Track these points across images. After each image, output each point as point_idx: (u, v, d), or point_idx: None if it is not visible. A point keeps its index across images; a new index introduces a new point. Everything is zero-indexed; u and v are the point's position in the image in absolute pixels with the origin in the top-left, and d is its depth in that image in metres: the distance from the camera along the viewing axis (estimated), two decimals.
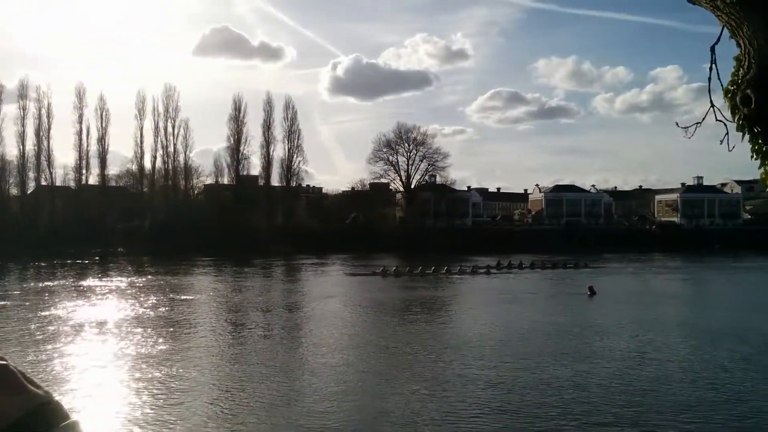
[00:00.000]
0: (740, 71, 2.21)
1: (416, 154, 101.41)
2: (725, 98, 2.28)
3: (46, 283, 42.72)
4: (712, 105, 2.37)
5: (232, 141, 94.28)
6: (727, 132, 2.34)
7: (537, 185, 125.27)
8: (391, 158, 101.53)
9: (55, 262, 60.11)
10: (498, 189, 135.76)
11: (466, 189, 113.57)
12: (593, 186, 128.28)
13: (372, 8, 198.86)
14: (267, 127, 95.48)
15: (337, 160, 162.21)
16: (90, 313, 28.75)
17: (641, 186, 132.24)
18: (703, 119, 2.44)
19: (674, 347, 21.59)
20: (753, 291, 41.01)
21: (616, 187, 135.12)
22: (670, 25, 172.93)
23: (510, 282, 46.36)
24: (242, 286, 41.95)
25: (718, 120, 2.37)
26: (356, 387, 16.24)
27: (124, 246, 74.61)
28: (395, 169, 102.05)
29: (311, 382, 16.74)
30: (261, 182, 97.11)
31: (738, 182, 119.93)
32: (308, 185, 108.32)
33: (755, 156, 2.24)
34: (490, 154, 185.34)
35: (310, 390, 15.93)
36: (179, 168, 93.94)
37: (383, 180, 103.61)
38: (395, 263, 55.22)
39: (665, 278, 50.76)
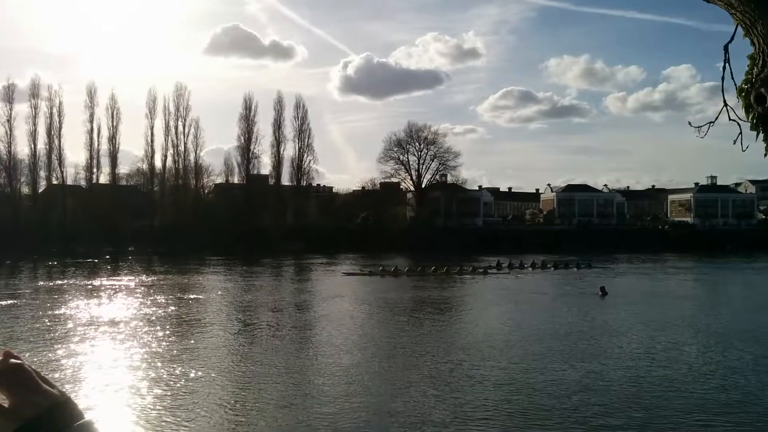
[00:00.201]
0: (754, 70, 2.16)
1: (427, 154, 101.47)
2: (739, 97, 2.24)
3: (58, 282, 43.03)
4: (726, 104, 2.33)
5: (243, 140, 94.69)
6: (741, 131, 2.29)
7: (549, 185, 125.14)
8: (402, 157, 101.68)
9: (66, 261, 60.52)
10: (509, 189, 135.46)
11: (477, 189, 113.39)
12: (605, 186, 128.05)
13: (383, 7, 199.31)
14: (277, 127, 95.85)
15: (348, 160, 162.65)
16: (101, 312, 28.93)
17: (654, 186, 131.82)
18: (716, 118, 2.40)
19: (685, 348, 21.48)
20: (765, 292, 40.69)
21: (629, 187, 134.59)
22: (683, 24, 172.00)
23: (521, 282, 46.23)
24: (252, 286, 42.07)
25: (732, 119, 2.33)
26: (365, 387, 16.23)
27: (135, 245, 74.98)
28: (406, 169, 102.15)
29: (319, 383, 16.78)
30: (271, 181, 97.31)
31: (752, 182, 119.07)
32: (318, 184, 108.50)
33: None
34: (502, 154, 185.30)
35: (318, 390, 15.96)
36: (190, 167, 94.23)
37: (394, 179, 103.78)
38: (405, 263, 55.25)
39: (677, 279, 50.43)
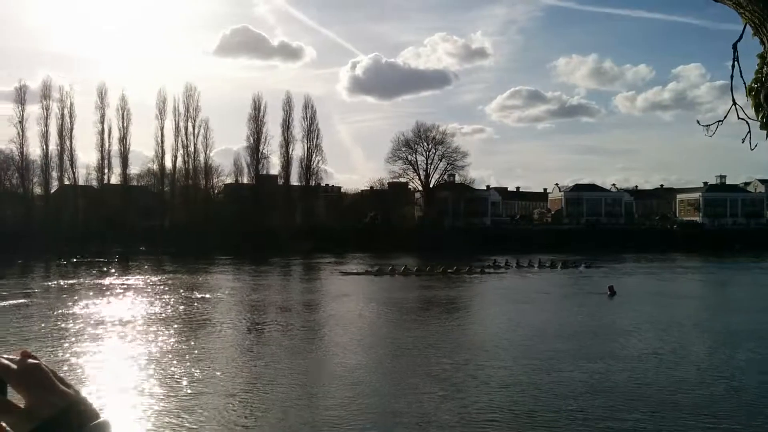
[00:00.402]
0: (764, 69, 2.19)
1: (435, 153, 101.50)
2: (748, 96, 2.26)
3: (69, 282, 43.30)
4: (735, 103, 2.35)
5: (252, 140, 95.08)
6: (750, 130, 2.32)
7: (557, 184, 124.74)
8: (410, 157, 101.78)
9: (77, 261, 60.93)
10: (517, 188, 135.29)
11: (486, 188, 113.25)
12: (614, 185, 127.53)
13: (391, 8, 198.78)
14: (286, 127, 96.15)
15: (356, 160, 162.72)
16: (113, 312, 29.08)
17: (663, 185, 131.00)
18: (725, 117, 2.43)
19: (693, 349, 21.38)
20: None
21: (637, 187, 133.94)
22: (693, 23, 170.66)
23: (529, 281, 46.15)
24: (260, 285, 42.20)
25: (741, 118, 2.35)
26: (370, 387, 16.23)
27: (145, 245, 75.33)
28: (414, 169, 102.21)
29: (325, 383, 16.81)
30: (280, 181, 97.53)
31: (761, 181, 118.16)
32: (327, 184, 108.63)
33: None
34: (510, 153, 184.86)
35: (324, 391, 15.99)
36: (199, 167, 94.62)
37: (402, 179, 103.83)
38: (413, 262, 55.19)
39: (686, 279, 50.19)
